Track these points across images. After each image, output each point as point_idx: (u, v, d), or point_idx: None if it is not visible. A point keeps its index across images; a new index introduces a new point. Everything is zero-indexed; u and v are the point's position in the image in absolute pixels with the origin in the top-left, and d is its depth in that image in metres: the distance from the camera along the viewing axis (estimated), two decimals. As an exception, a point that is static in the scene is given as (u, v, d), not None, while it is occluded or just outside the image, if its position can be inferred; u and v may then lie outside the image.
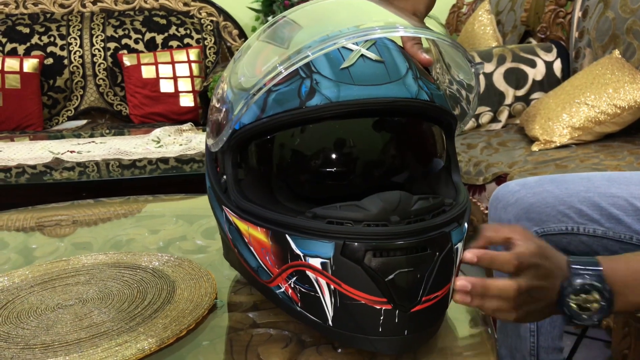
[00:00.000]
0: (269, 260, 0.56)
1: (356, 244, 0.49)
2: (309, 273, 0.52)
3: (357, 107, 0.52)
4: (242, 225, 0.57)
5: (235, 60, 0.58)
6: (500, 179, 1.60)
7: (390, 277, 0.49)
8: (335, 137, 0.56)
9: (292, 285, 0.54)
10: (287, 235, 0.52)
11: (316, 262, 0.51)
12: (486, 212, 1.58)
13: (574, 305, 0.56)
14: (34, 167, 1.70)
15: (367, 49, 0.55)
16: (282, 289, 0.56)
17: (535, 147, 1.74)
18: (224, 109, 0.56)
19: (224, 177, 0.59)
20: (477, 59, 0.66)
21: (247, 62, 0.55)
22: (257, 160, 0.59)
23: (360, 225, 0.51)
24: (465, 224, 0.56)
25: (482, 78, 2.04)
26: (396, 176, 0.59)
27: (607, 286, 0.56)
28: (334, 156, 0.56)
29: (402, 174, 0.59)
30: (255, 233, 0.55)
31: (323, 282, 0.51)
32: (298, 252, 0.52)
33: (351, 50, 0.54)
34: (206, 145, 0.63)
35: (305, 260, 0.52)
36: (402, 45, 0.61)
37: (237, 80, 0.54)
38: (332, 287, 0.51)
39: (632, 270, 0.57)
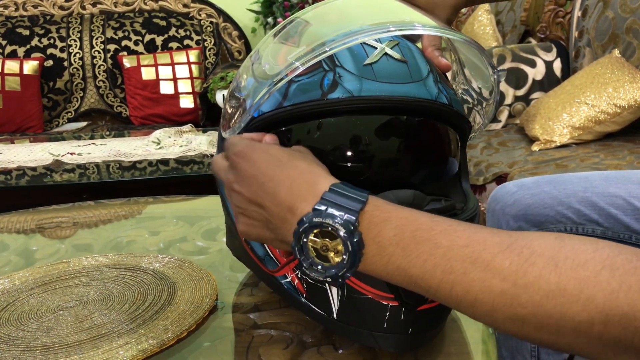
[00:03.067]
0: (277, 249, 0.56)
1: None
2: None
3: (378, 103, 0.53)
4: None
5: (252, 58, 0.57)
6: (500, 179, 1.60)
7: None
8: (352, 134, 0.56)
9: (299, 276, 0.55)
10: None
11: None
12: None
13: (312, 250, 0.41)
14: (34, 169, 1.70)
15: (390, 48, 0.55)
16: (288, 279, 0.56)
17: (535, 147, 1.74)
18: (242, 97, 0.55)
19: None
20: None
21: (271, 53, 0.55)
22: None
23: None
24: None
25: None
26: (409, 176, 0.59)
27: (355, 235, 0.40)
28: (349, 152, 0.56)
29: (415, 174, 0.59)
30: None
31: None
32: None
33: (375, 48, 0.55)
34: (219, 133, 0.63)
35: None
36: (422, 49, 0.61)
37: (260, 69, 0.54)
38: None
39: (415, 225, 0.40)
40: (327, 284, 0.52)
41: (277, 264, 0.57)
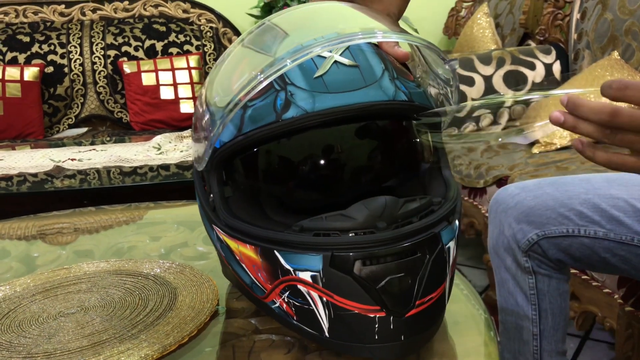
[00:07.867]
0: (261, 277, 0.55)
1: (344, 254, 0.49)
2: (301, 287, 0.52)
3: (333, 116, 0.52)
4: (232, 244, 0.57)
5: (217, 67, 0.57)
6: (501, 181, 1.60)
7: (381, 284, 0.49)
8: (317, 147, 0.55)
9: (286, 300, 0.54)
10: (275, 251, 0.52)
11: (306, 276, 0.51)
12: (487, 215, 1.58)
13: None
14: (35, 175, 1.70)
15: (340, 54, 0.54)
16: (277, 304, 0.56)
17: (535, 150, 1.74)
18: (203, 127, 0.56)
19: (212, 195, 0.59)
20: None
21: (222, 78, 0.55)
22: (243, 176, 0.59)
23: (348, 235, 0.50)
24: (457, 221, 0.55)
25: (481, 81, 2.04)
26: (384, 180, 0.59)
27: None
28: (317, 166, 0.56)
29: (389, 177, 0.59)
30: (245, 250, 0.55)
31: (315, 295, 0.51)
32: (288, 267, 0.51)
33: (325, 57, 0.54)
34: (194, 164, 0.63)
35: (295, 274, 0.51)
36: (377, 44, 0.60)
37: (212, 99, 0.54)
38: (324, 299, 0.51)
39: None
40: (312, 305, 0.52)
41: (264, 290, 0.57)
